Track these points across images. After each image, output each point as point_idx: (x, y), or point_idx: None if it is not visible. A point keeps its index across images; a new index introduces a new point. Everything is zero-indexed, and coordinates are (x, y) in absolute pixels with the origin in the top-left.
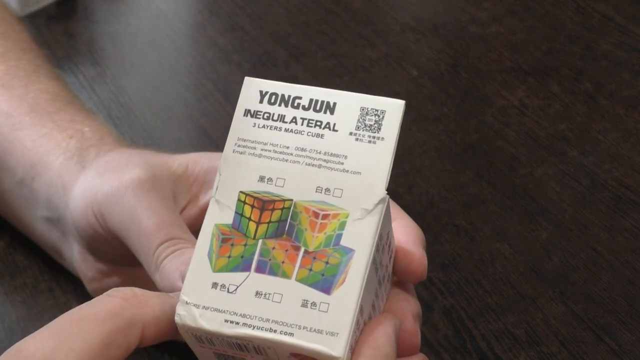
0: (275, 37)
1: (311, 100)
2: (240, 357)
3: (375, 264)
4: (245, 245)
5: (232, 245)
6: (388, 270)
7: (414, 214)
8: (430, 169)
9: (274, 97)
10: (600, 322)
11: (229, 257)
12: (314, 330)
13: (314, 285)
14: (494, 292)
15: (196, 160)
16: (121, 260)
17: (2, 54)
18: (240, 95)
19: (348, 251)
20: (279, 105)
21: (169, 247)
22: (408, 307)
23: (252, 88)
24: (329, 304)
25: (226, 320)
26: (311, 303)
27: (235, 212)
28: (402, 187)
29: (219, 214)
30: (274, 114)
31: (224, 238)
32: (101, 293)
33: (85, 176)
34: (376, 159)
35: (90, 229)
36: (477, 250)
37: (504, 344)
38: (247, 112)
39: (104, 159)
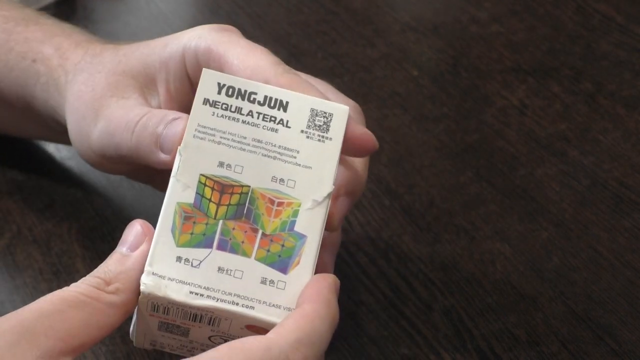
0: (275, 37)
1: (265, 96)
2: (185, 327)
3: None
4: (206, 224)
5: (194, 223)
6: None
7: (415, 213)
8: (430, 169)
9: (230, 89)
10: (600, 322)
11: (192, 233)
12: (273, 305)
13: (271, 264)
14: (494, 292)
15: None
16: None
17: None
18: (200, 85)
19: (301, 237)
20: (236, 98)
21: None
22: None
23: (210, 79)
24: (285, 282)
25: (191, 292)
26: (269, 281)
27: (197, 193)
28: (402, 187)
29: (181, 193)
30: (231, 105)
31: (187, 216)
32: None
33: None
34: (325, 156)
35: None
36: (477, 250)
37: (504, 344)
38: (206, 101)
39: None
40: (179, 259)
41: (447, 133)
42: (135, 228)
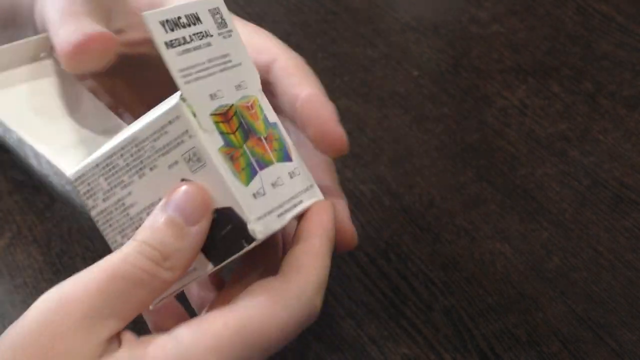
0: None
1: (187, 16)
2: None
3: None
4: (242, 155)
5: (237, 159)
6: None
7: (415, 213)
8: (430, 169)
9: (172, 23)
10: (601, 322)
11: (243, 169)
12: (308, 188)
13: (283, 159)
14: (495, 292)
15: None
16: None
17: None
18: (152, 32)
19: (274, 124)
20: (178, 29)
21: None
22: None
23: (155, 22)
24: (297, 166)
25: (279, 216)
26: (292, 173)
27: (219, 133)
28: (402, 187)
29: (212, 140)
30: (181, 38)
31: (230, 156)
32: None
33: None
34: (239, 48)
35: None
36: (477, 250)
37: (505, 344)
38: (167, 45)
39: None
40: (254, 196)
41: (447, 133)
42: (191, 196)
